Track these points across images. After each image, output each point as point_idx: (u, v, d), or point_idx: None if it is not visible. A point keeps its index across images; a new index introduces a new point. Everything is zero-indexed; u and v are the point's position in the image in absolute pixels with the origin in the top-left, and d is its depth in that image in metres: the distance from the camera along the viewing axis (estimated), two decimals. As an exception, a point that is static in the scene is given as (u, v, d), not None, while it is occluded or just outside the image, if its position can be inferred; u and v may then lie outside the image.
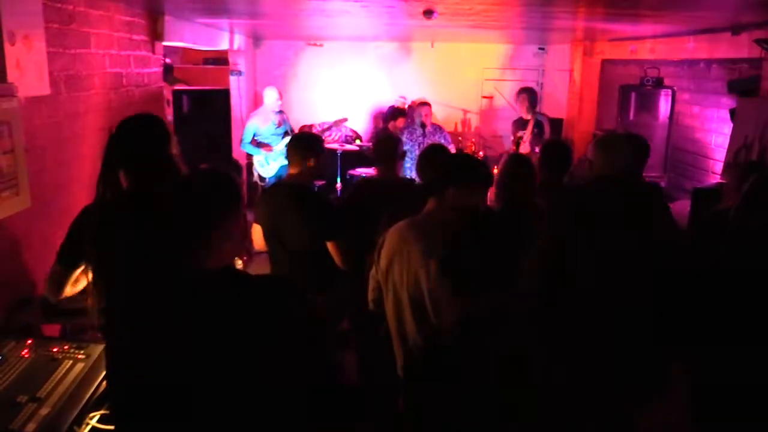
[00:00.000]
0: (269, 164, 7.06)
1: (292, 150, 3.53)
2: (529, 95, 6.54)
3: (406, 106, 8.06)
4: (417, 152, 6.28)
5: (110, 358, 1.74)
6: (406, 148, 4.38)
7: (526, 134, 6.43)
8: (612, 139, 3.39)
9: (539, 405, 1.88)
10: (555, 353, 2.48)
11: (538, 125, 6.46)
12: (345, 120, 8.46)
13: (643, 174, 3.63)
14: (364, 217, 3.46)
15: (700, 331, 2.80)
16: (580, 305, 2.57)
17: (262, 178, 7.23)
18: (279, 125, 7.05)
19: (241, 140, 7.11)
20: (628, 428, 2.72)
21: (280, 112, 7.18)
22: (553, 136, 6.64)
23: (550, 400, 1.85)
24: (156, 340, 1.59)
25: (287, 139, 6.88)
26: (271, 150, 7.06)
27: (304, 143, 3.55)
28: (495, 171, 6.44)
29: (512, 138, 6.87)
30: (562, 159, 3.84)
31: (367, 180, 4.83)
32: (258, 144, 7.07)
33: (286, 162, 6.82)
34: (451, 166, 2.74)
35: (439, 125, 7.00)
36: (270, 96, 7.10)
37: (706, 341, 2.76)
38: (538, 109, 6.70)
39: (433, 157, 3.43)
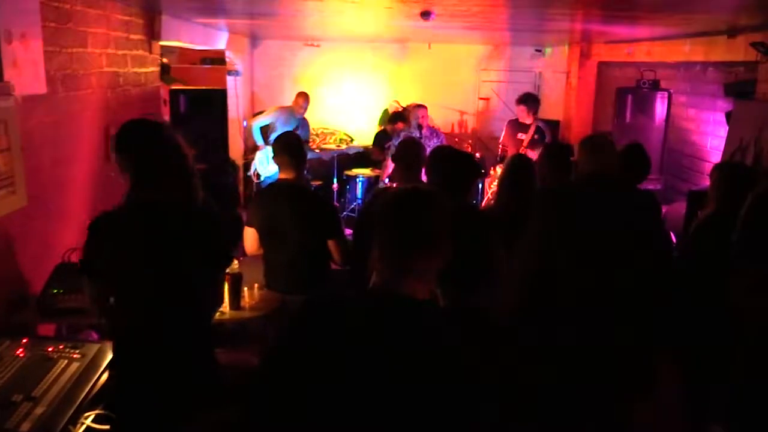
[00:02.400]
0: (269, 164, 7.04)
1: (285, 156, 3.49)
2: (532, 102, 6.53)
3: (400, 111, 8.06)
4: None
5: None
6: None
7: (527, 138, 6.42)
8: (595, 139, 3.43)
9: (537, 404, 1.89)
10: (545, 351, 2.50)
11: (539, 131, 6.46)
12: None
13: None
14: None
15: (691, 330, 2.82)
16: (567, 303, 2.59)
17: (258, 176, 7.19)
18: (295, 130, 7.05)
19: (251, 125, 7.23)
20: (622, 425, 2.74)
21: (303, 118, 7.23)
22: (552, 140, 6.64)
23: (546, 399, 1.85)
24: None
25: None
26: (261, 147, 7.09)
27: (296, 150, 3.53)
28: (492, 172, 6.48)
29: (501, 140, 6.84)
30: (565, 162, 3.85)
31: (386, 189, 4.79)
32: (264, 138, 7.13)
33: None
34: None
35: (435, 128, 7.01)
36: (299, 101, 7.28)
37: (696, 340, 2.78)
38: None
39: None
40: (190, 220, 2.37)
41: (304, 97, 7.35)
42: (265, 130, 7.19)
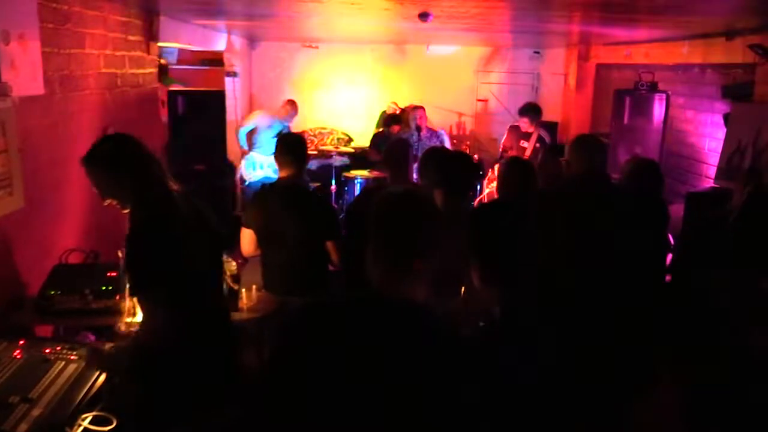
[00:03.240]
0: (256, 170, 7.00)
1: (287, 154, 3.48)
2: (534, 113, 6.53)
3: (398, 113, 8.06)
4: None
5: None
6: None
7: (529, 147, 6.43)
8: (586, 139, 3.43)
9: (532, 403, 1.89)
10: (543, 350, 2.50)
11: (541, 140, 6.46)
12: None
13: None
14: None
15: (689, 331, 2.82)
16: (565, 303, 2.59)
17: (242, 180, 7.16)
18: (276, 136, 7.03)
19: (238, 130, 7.22)
20: (622, 425, 2.74)
21: (288, 126, 7.19)
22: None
23: (541, 398, 1.86)
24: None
25: None
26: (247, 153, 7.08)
27: (299, 148, 3.53)
28: (491, 173, 6.47)
29: (503, 142, 6.84)
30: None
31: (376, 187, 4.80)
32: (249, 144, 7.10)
33: (274, 175, 6.90)
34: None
35: (434, 129, 7.01)
36: (287, 108, 7.17)
37: (694, 341, 2.78)
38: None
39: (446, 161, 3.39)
40: (205, 212, 2.46)
41: (292, 104, 7.26)
42: (249, 135, 7.16)
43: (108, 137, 2.42)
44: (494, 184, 5.88)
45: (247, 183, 7.01)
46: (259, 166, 6.97)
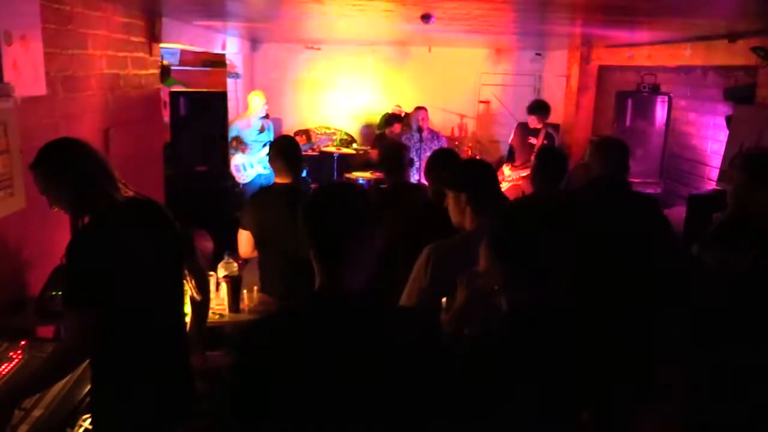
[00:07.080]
0: (247, 170, 6.97)
1: (280, 161, 3.44)
2: (540, 110, 6.56)
3: (402, 116, 8.05)
4: (415, 157, 6.30)
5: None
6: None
7: (537, 143, 6.45)
8: (607, 141, 3.42)
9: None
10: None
11: (549, 137, 6.49)
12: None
13: (639, 180, 3.66)
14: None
15: (696, 331, 2.81)
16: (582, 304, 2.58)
17: (238, 184, 7.13)
18: (261, 131, 6.99)
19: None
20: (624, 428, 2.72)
21: (266, 117, 7.11)
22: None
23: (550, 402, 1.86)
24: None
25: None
26: (245, 151, 7.01)
27: (291, 151, 3.50)
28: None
29: (510, 141, 6.87)
30: (558, 168, 3.77)
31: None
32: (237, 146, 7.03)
33: (265, 171, 6.86)
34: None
35: (436, 130, 7.00)
36: (255, 100, 7.02)
37: (702, 341, 2.77)
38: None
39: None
40: (161, 216, 2.37)
41: (258, 95, 7.08)
42: (234, 142, 7.07)
43: (53, 142, 2.26)
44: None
45: (242, 184, 7.00)
46: (249, 165, 6.96)
